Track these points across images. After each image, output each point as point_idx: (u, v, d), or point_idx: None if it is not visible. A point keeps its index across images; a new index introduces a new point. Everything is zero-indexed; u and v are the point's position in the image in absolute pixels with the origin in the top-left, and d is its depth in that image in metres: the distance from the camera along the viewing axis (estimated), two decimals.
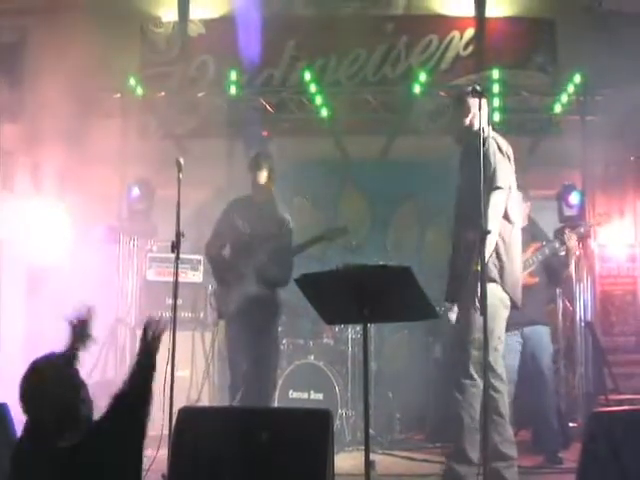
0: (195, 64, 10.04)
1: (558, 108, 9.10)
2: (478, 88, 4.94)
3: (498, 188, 5.05)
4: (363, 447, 4.02)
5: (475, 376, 5.01)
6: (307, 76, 9.11)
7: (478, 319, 4.84)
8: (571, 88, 8.82)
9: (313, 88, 9.15)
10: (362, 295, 4.10)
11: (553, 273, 6.85)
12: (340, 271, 4.21)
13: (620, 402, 7.75)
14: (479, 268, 4.71)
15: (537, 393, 6.73)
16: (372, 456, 4.31)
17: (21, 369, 3.21)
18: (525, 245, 6.54)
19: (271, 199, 6.63)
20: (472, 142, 5.04)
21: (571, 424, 7.46)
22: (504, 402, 5.08)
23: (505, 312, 5.22)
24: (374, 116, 9.59)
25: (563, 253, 6.72)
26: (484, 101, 5.01)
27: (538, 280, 6.63)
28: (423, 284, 3.96)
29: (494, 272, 5.16)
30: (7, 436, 4.11)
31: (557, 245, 6.65)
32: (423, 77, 8.97)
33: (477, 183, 4.71)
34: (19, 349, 9.22)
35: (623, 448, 3.59)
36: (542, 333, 6.80)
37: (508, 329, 5.99)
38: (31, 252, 9.26)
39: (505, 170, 5.15)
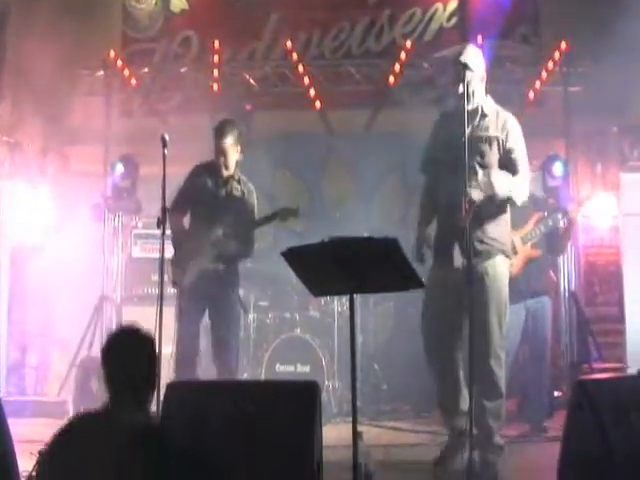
0: (178, 40, 9.98)
1: (541, 79, 9.10)
2: (462, 60, 4.94)
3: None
4: (350, 418, 4.06)
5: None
6: None
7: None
8: (556, 56, 8.81)
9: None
10: (349, 267, 4.13)
11: (554, 244, 6.90)
12: (327, 244, 4.23)
13: (604, 370, 7.83)
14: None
15: (535, 364, 6.83)
16: (359, 427, 4.33)
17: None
18: (527, 216, 6.61)
19: (235, 168, 6.34)
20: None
21: (556, 393, 7.53)
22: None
23: None
24: (358, 89, 9.58)
25: (563, 225, 6.76)
26: (470, 73, 4.99)
27: (540, 253, 6.69)
28: (409, 255, 3.99)
29: (507, 246, 5.20)
30: None
31: (560, 217, 6.67)
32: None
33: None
34: (3, 330, 9.24)
35: (606, 415, 3.64)
36: (545, 304, 6.89)
37: (513, 301, 6.10)
38: (15, 232, 9.25)
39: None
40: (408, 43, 9.06)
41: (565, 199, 7.23)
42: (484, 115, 5.06)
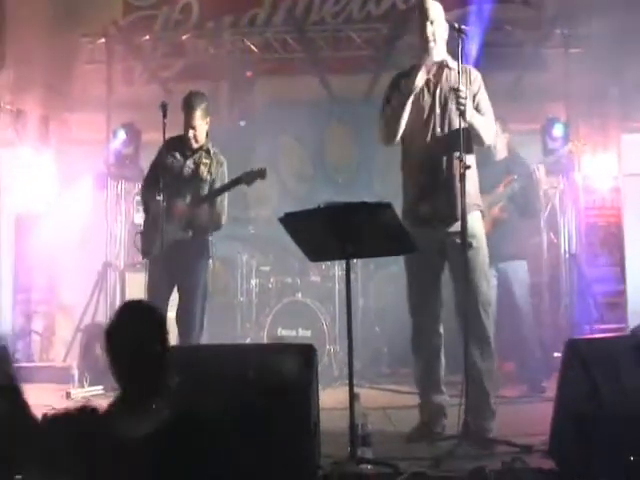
0: (179, 7, 9.96)
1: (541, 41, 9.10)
2: (456, 25, 4.96)
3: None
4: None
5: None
6: None
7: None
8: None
9: None
10: (344, 232, 4.22)
11: (525, 207, 6.82)
12: (322, 209, 4.30)
13: (604, 331, 7.91)
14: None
15: (515, 326, 6.83)
16: (358, 390, 4.42)
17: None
18: (501, 179, 6.65)
19: (205, 140, 6.23)
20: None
21: (556, 354, 7.57)
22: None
23: None
24: (359, 54, 9.58)
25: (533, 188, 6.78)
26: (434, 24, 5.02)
27: (506, 215, 6.65)
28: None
29: (480, 200, 5.21)
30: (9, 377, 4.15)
31: (526, 181, 6.67)
32: None
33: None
34: (9, 296, 9.35)
35: (597, 373, 3.72)
36: (517, 267, 6.86)
37: None
38: (19, 200, 9.32)
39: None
40: None
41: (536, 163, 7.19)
42: (450, 68, 5.10)
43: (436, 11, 5.05)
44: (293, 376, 3.89)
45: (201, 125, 6.12)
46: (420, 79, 5.02)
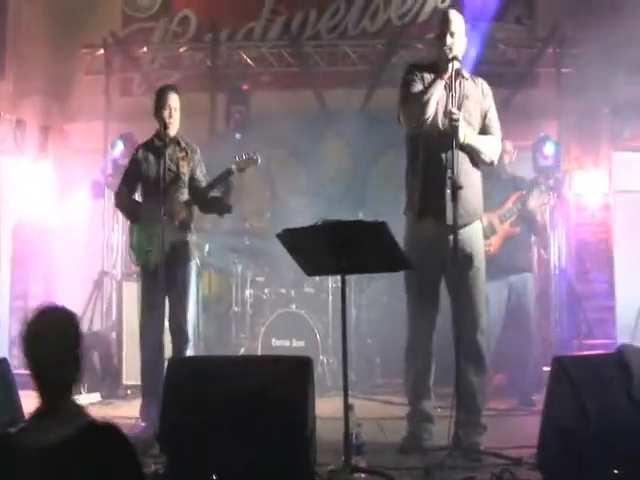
0: (177, 19, 10.10)
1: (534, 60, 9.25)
2: (450, 55, 5.04)
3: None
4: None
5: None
6: None
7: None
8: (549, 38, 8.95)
9: None
10: (340, 248, 4.35)
11: (530, 222, 7.03)
12: (319, 226, 4.42)
13: (593, 346, 8.02)
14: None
15: (521, 339, 6.97)
16: (353, 401, 4.53)
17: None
18: (507, 196, 6.82)
19: (176, 137, 6.03)
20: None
21: (545, 368, 7.68)
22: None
23: None
24: (353, 69, 9.73)
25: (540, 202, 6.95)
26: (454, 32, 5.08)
27: (519, 229, 6.87)
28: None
29: (481, 211, 5.30)
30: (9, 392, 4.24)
31: (534, 193, 6.86)
32: None
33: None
34: (5, 305, 9.41)
35: (582, 389, 3.84)
36: (526, 280, 7.04)
37: (494, 277, 6.30)
38: (17, 208, 9.39)
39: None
40: None
41: (555, 177, 7.36)
42: (465, 77, 5.20)
43: (458, 24, 5.10)
44: (290, 387, 4.01)
45: (176, 108, 5.97)
46: (438, 87, 5.04)
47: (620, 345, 4.34)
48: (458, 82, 5.05)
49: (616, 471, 3.63)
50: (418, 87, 5.11)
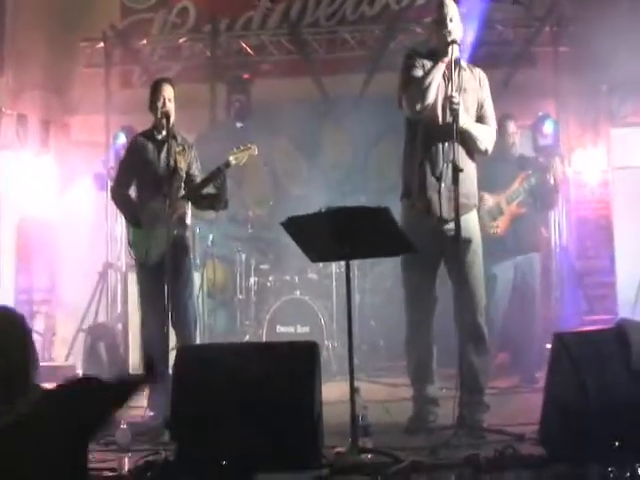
0: (176, 10, 10.11)
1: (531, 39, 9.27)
2: (450, 39, 5.08)
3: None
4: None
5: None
6: None
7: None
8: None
9: None
10: (343, 235, 4.43)
11: (541, 200, 7.08)
12: (323, 213, 4.51)
13: (594, 322, 8.08)
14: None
15: (526, 319, 7.06)
16: (358, 384, 4.61)
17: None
18: (513, 177, 6.87)
19: (172, 129, 5.88)
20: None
21: (547, 346, 7.74)
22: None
23: None
24: (352, 54, 9.76)
25: (551, 181, 6.93)
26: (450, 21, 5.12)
27: (525, 210, 6.92)
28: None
29: (476, 199, 5.40)
30: None
31: (542, 173, 6.87)
32: None
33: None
34: (10, 298, 9.46)
35: (584, 366, 3.93)
36: (532, 259, 7.10)
37: (502, 258, 6.56)
38: (20, 201, 9.45)
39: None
40: None
41: (554, 156, 7.40)
42: (463, 68, 5.25)
43: (454, 10, 5.16)
44: (296, 372, 4.10)
45: (170, 99, 5.91)
46: (439, 72, 5.07)
47: (619, 319, 4.41)
48: (457, 72, 5.10)
49: (616, 443, 3.71)
50: (419, 72, 5.15)
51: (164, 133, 5.85)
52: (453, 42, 5.00)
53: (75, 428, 2.67)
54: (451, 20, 5.09)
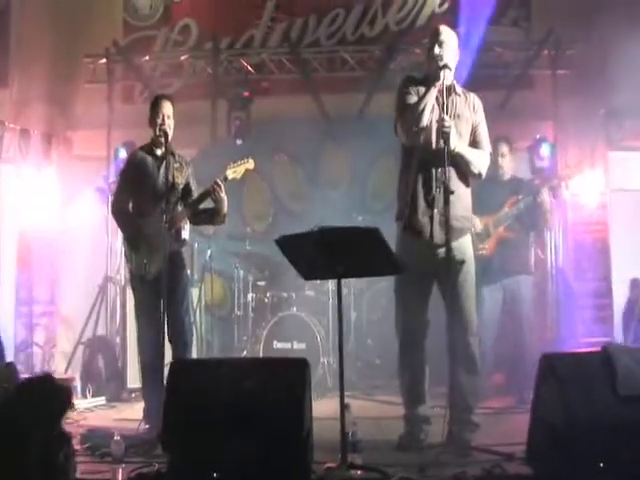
0: (178, 28, 10.28)
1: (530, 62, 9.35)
2: (441, 64, 5.16)
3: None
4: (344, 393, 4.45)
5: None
6: None
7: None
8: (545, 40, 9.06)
9: None
10: (335, 254, 4.50)
11: (530, 225, 7.14)
12: (315, 233, 4.56)
13: (591, 344, 8.11)
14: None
15: (515, 339, 7.11)
16: (352, 401, 4.67)
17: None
18: (503, 201, 6.94)
19: (170, 145, 5.95)
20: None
21: None
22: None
23: None
24: (352, 75, 9.86)
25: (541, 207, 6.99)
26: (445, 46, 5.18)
27: (511, 234, 6.98)
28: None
29: (471, 223, 5.52)
30: None
31: (531, 200, 6.91)
32: None
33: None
34: (10, 311, 9.52)
35: (570, 388, 3.97)
36: (520, 283, 7.12)
37: (489, 281, 6.60)
38: (22, 215, 9.52)
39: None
40: None
41: (545, 185, 7.46)
42: (457, 93, 5.32)
43: (447, 36, 5.22)
44: (287, 388, 4.15)
45: (170, 116, 5.96)
46: (432, 96, 5.11)
47: (606, 343, 4.47)
48: (450, 99, 5.19)
49: (601, 464, 3.76)
50: (413, 99, 5.22)
51: (163, 150, 5.91)
52: (444, 67, 5.07)
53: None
54: (440, 44, 5.16)
